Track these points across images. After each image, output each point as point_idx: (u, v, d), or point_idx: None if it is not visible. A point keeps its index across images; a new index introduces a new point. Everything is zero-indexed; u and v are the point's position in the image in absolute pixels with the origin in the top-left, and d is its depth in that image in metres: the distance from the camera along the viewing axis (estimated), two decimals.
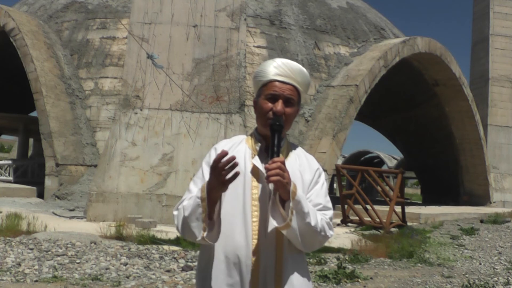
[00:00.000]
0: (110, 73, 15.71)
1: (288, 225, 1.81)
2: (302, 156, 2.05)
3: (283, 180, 1.78)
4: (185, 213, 1.85)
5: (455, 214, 15.27)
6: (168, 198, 10.84)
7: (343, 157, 40.03)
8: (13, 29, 15.78)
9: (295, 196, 1.81)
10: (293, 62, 2.02)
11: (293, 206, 1.81)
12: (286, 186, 1.79)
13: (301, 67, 2.01)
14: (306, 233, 1.85)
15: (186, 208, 1.86)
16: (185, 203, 1.89)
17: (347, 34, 18.02)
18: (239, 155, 1.96)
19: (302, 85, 2.00)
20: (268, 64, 2.00)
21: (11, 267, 5.79)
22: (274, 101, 1.94)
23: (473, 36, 24.28)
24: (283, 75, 1.96)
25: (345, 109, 14.89)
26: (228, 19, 11.81)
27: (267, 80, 1.97)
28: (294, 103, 1.97)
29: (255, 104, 2.03)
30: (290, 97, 1.95)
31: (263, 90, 1.98)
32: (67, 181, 14.23)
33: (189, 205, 1.86)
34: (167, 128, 11.26)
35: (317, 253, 7.63)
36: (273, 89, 1.95)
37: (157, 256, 6.93)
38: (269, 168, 1.77)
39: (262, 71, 2.00)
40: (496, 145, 22.32)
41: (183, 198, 1.95)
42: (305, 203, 1.85)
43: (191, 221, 1.84)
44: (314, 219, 1.86)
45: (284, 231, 1.84)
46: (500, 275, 6.77)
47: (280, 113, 1.92)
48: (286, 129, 1.98)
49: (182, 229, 1.89)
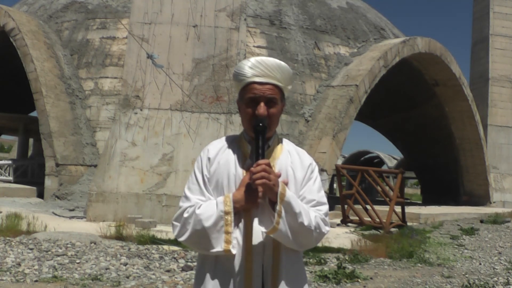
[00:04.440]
0: (110, 73, 15.71)
1: (275, 229, 1.79)
2: (293, 152, 2.02)
3: (269, 182, 1.76)
4: (205, 224, 1.82)
5: (455, 214, 15.26)
6: (168, 198, 10.84)
7: (343, 157, 40.01)
8: (13, 29, 15.78)
9: (284, 197, 1.79)
10: (269, 58, 1.96)
11: (283, 208, 1.79)
12: (273, 188, 1.77)
13: (278, 62, 1.94)
14: (299, 232, 1.83)
15: (204, 219, 1.82)
16: (199, 211, 1.84)
17: (347, 34, 18.02)
18: (229, 158, 1.95)
19: (282, 80, 1.94)
20: (243, 65, 1.94)
21: (11, 267, 5.79)
22: (256, 104, 1.90)
23: (473, 36, 24.27)
24: (261, 75, 1.91)
25: (345, 109, 14.89)
26: (228, 19, 11.81)
27: (246, 83, 1.92)
28: (276, 102, 1.92)
29: (239, 106, 2.00)
30: (271, 97, 1.91)
31: (243, 93, 1.94)
32: (67, 181, 14.23)
33: (208, 217, 1.82)
34: (167, 128, 11.26)
35: (317, 253, 7.64)
36: (252, 91, 1.90)
37: (157, 256, 6.93)
38: (254, 171, 1.76)
39: (239, 73, 1.94)
40: (496, 145, 22.31)
41: (183, 207, 1.90)
42: (296, 203, 1.83)
43: (211, 232, 1.81)
44: (307, 218, 1.83)
45: (272, 235, 1.82)
46: (500, 275, 6.77)
47: (263, 116, 1.88)
48: (273, 128, 1.95)
49: (194, 241, 1.86)
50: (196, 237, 1.84)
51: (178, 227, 1.89)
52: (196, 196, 1.91)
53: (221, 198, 1.85)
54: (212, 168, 1.94)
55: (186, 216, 1.86)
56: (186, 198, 1.93)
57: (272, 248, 1.87)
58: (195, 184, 1.94)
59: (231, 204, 1.82)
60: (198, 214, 1.84)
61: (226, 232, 1.81)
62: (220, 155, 1.97)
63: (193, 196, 1.91)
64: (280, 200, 1.79)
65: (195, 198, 1.91)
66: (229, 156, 1.96)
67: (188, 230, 1.85)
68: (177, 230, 1.89)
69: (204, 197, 1.91)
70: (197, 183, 1.94)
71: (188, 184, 1.97)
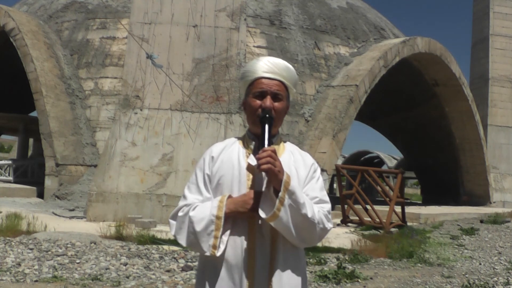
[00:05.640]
0: (110, 73, 15.71)
1: (275, 215, 1.78)
2: (296, 153, 2.05)
3: (274, 168, 1.77)
4: (196, 228, 1.84)
5: (455, 214, 15.26)
6: (168, 198, 10.84)
7: (343, 157, 40.01)
8: (13, 29, 15.78)
9: (288, 186, 1.80)
10: (278, 59, 2.04)
11: (287, 196, 1.79)
12: (278, 175, 1.78)
13: (286, 63, 2.03)
14: (302, 225, 1.83)
15: (196, 222, 1.85)
16: (192, 214, 1.87)
17: (347, 34, 18.02)
18: (232, 155, 1.97)
19: (289, 80, 2.01)
20: (253, 63, 2.02)
21: (11, 267, 5.79)
22: (262, 98, 1.96)
23: (473, 36, 24.27)
24: (269, 72, 1.98)
25: (345, 109, 14.89)
26: (228, 19, 11.81)
27: (254, 78, 1.99)
28: (282, 98, 1.98)
29: (244, 105, 2.05)
30: (277, 92, 1.97)
31: (251, 89, 2.00)
32: (67, 181, 14.23)
33: (200, 220, 1.85)
34: (167, 128, 11.27)
35: (317, 253, 7.64)
36: (260, 86, 1.97)
37: (157, 256, 6.93)
38: (260, 157, 1.77)
39: (248, 71, 2.02)
40: (496, 145, 22.31)
41: (180, 205, 1.94)
42: (301, 194, 1.83)
43: (201, 236, 1.84)
44: (310, 211, 1.83)
45: (272, 222, 1.81)
46: (500, 275, 6.77)
47: (269, 108, 1.93)
48: (277, 125, 1.99)
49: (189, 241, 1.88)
50: (190, 240, 1.88)
51: (174, 227, 1.93)
52: (193, 195, 1.95)
53: (216, 201, 1.87)
54: (215, 166, 1.97)
55: (181, 215, 1.90)
56: (183, 196, 1.98)
57: (270, 244, 1.86)
58: (194, 183, 1.99)
59: (224, 208, 1.84)
60: (191, 216, 1.87)
61: (214, 237, 1.83)
62: (223, 153, 2.00)
63: (191, 195, 1.96)
64: (285, 188, 1.79)
65: (192, 197, 1.94)
66: (232, 153, 1.98)
67: (184, 232, 1.89)
68: (173, 229, 1.93)
69: (201, 196, 1.94)
70: (196, 182, 1.98)
71: (188, 183, 2.01)
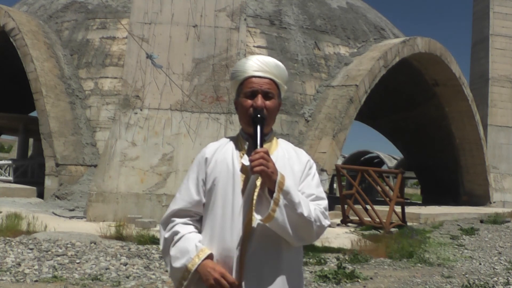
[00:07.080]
0: (110, 73, 15.70)
1: (271, 216, 1.78)
2: (291, 150, 2.04)
3: (267, 169, 1.76)
4: (174, 265, 1.91)
5: (455, 214, 15.25)
6: (168, 198, 10.84)
7: (343, 157, 40.00)
8: (13, 29, 15.78)
9: (283, 186, 1.79)
10: (268, 57, 2.04)
11: (282, 197, 1.78)
12: (271, 176, 1.77)
13: (276, 61, 2.02)
14: (299, 224, 1.82)
15: (174, 258, 1.91)
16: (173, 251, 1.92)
17: (347, 34, 18.01)
18: (227, 156, 1.97)
19: (279, 78, 2.00)
20: (243, 63, 2.01)
21: (11, 267, 5.79)
22: (253, 97, 1.95)
23: (473, 36, 24.27)
24: (259, 70, 1.97)
25: (345, 109, 14.89)
26: (228, 19, 11.81)
27: (244, 77, 1.98)
28: (273, 96, 1.97)
29: (236, 105, 2.04)
30: (268, 91, 1.96)
31: (241, 88, 1.99)
32: (67, 181, 14.22)
33: (177, 258, 1.90)
34: (167, 128, 11.26)
35: (317, 253, 7.64)
36: (251, 85, 1.96)
37: (157, 256, 6.93)
38: (252, 159, 1.77)
39: (238, 70, 2.01)
40: (496, 145, 22.30)
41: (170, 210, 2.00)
42: (295, 193, 1.82)
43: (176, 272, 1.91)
44: (306, 209, 1.82)
45: (268, 223, 1.80)
46: (500, 275, 6.77)
47: (261, 107, 1.92)
48: (270, 123, 1.98)
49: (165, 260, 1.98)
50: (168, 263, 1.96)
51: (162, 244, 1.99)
52: (184, 199, 1.99)
53: (194, 250, 1.87)
54: (209, 168, 1.97)
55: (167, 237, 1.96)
56: (174, 199, 2.02)
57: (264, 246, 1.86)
58: (185, 185, 2.01)
59: (196, 265, 1.85)
60: (172, 251, 1.93)
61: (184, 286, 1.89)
62: (217, 154, 1.99)
63: (181, 198, 1.99)
64: (279, 188, 1.78)
65: (182, 202, 1.98)
66: (226, 154, 1.98)
67: (167, 259, 1.97)
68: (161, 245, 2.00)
69: (191, 200, 1.97)
70: (187, 185, 2.00)
71: (181, 185, 2.04)
